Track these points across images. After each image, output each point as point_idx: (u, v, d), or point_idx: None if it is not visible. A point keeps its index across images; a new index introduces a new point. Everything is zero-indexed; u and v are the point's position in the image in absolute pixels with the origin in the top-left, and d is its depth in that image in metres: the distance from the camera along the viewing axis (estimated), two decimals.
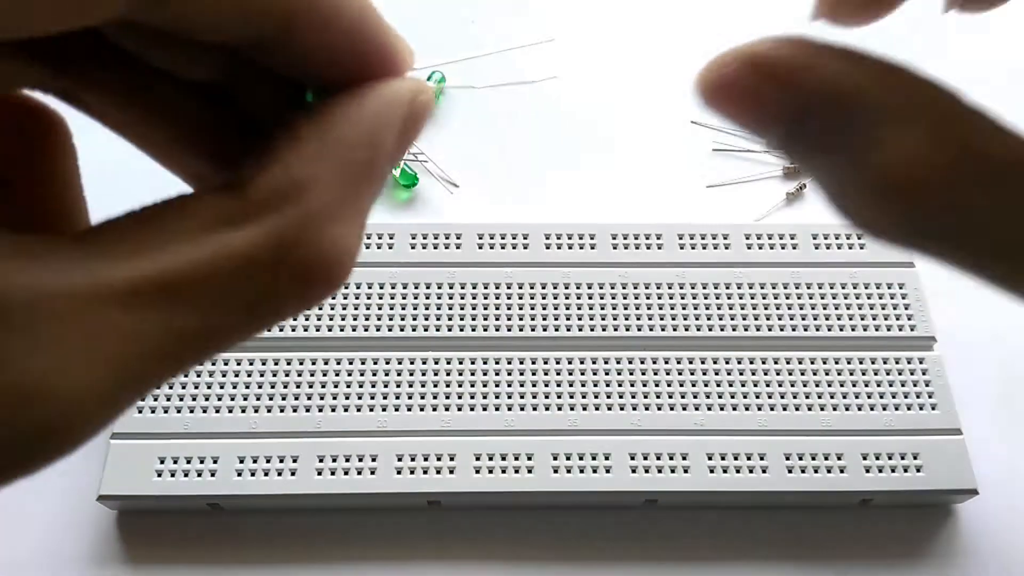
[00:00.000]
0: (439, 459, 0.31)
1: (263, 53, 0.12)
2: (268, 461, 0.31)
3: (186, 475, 0.31)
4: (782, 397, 0.33)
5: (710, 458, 0.31)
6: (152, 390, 0.11)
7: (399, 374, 0.33)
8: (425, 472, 0.31)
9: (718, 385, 0.33)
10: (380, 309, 0.34)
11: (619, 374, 0.33)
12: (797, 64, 0.12)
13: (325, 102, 0.12)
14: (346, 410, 0.32)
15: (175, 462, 0.31)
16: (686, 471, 0.31)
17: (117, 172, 0.27)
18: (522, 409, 0.32)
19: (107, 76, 0.12)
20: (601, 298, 0.35)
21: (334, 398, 0.32)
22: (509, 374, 0.33)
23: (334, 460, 0.31)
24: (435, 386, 0.33)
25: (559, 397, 0.33)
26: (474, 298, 0.35)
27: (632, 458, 0.31)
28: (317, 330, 0.34)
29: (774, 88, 0.12)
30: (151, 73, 0.13)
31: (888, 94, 0.12)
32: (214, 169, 0.14)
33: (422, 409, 0.32)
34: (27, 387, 0.09)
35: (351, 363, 0.33)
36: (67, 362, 0.09)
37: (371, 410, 0.32)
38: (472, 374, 0.33)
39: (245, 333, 0.11)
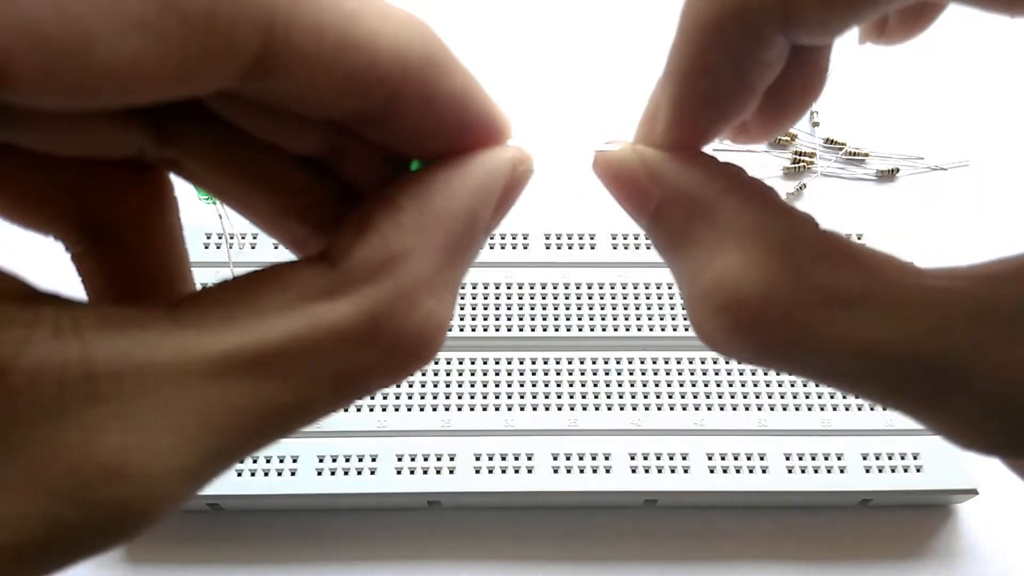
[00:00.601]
0: (439, 459, 0.31)
1: (367, 127, 0.12)
2: (268, 461, 0.31)
3: None
4: (782, 397, 0.33)
5: (710, 458, 0.31)
6: (239, 462, 0.10)
7: None
8: (425, 472, 0.31)
9: (718, 385, 0.33)
10: None
11: (619, 374, 0.33)
12: (665, 162, 0.13)
13: (426, 170, 0.12)
14: (346, 410, 0.32)
15: None
16: (686, 471, 0.31)
17: None
18: (522, 409, 0.32)
19: (211, 147, 0.12)
20: (601, 298, 0.35)
21: None
22: (509, 374, 0.33)
23: (334, 460, 0.31)
24: (435, 386, 0.33)
25: (559, 397, 0.33)
26: (474, 298, 0.35)
27: (632, 458, 0.31)
28: None
29: (644, 176, 0.13)
30: (255, 144, 0.12)
31: (734, 213, 0.12)
32: (316, 234, 0.13)
33: (422, 409, 0.32)
34: (109, 464, 0.09)
35: None
36: (153, 438, 0.09)
37: (371, 410, 0.32)
38: (472, 374, 0.33)
39: (331, 407, 0.11)
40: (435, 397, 0.33)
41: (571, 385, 0.33)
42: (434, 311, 0.11)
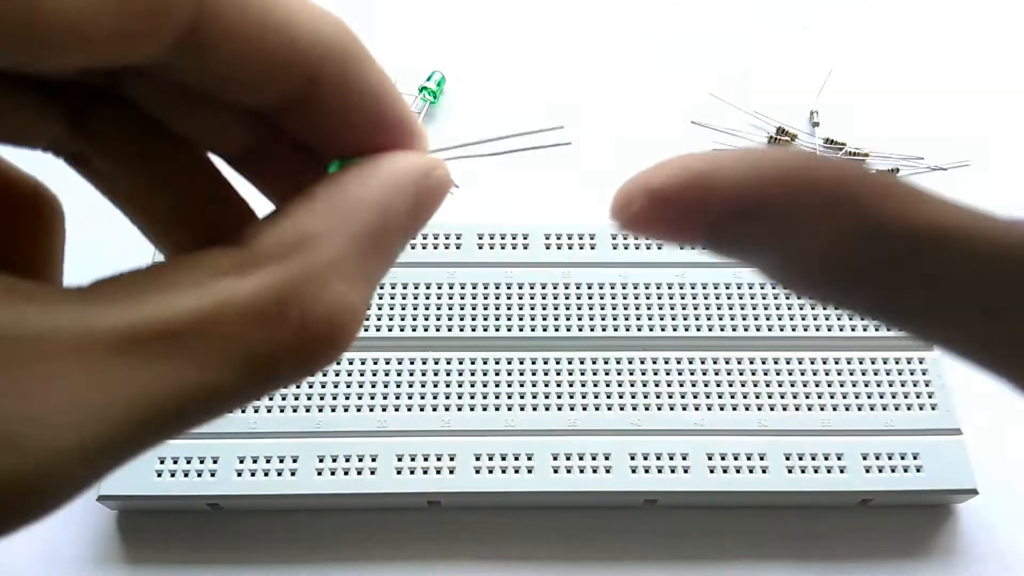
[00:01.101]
0: (439, 459, 0.31)
1: (286, 118, 0.12)
2: (268, 461, 0.31)
3: (186, 475, 0.31)
4: (782, 397, 0.33)
5: (710, 458, 0.31)
6: (144, 452, 0.10)
7: (399, 374, 0.33)
8: (425, 472, 0.31)
9: (718, 385, 0.33)
10: (380, 309, 0.34)
11: (619, 374, 0.33)
12: (699, 188, 0.12)
13: (341, 169, 0.12)
14: (346, 410, 0.32)
15: (175, 462, 0.31)
16: (686, 471, 0.31)
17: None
18: (522, 409, 0.32)
19: (124, 140, 0.13)
20: (601, 298, 0.35)
21: (334, 398, 0.32)
22: (509, 374, 0.33)
23: (334, 460, 0.31)
24: (435, 386, 0.33)
25: (559, 397, 0.33)
26: (474, 298, 0.35)
27: (632, 458, 0.31)
28: None
29: (681, 214, 0.12)
30: (170, 141, 0.13)
31: (792, 195, 0.12)
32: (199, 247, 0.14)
33: (422, 409, 0.32)
34: None
35: (351, 363, 0.33)
36: (49, 410, 0.08)
37: (371, 410, 0.32)
38: (472, 374, 0.33)
39: (243, 394, 0.10)
40: (435, 397, 0.33)
41: (571, 385, 0.33)
42: (345, 296, 0.11)
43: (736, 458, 0.31)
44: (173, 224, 0.14)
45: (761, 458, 0.31)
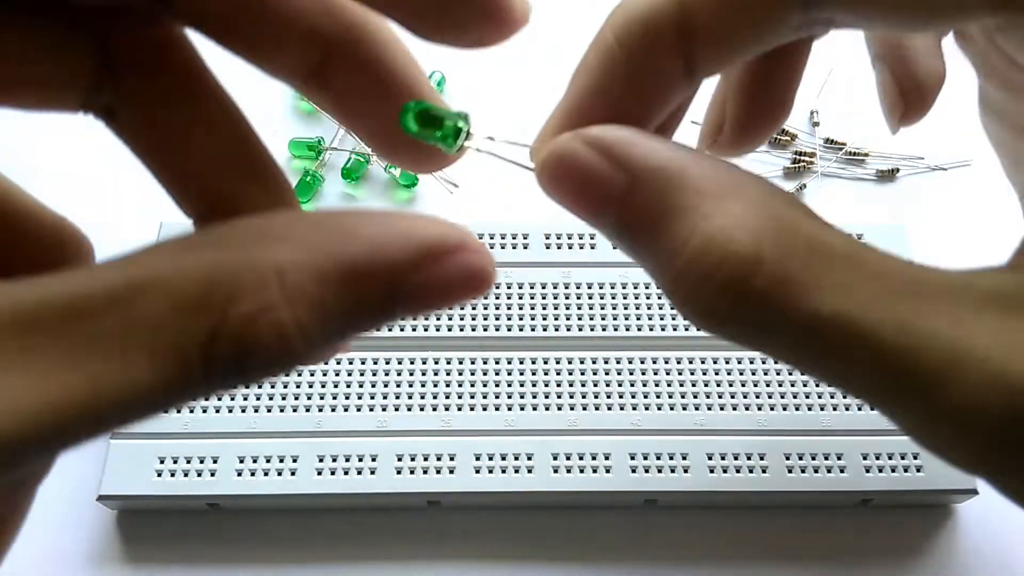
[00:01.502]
0: (439, 459, 0.31)
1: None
2: (268, 461, 0.31)
3: (186, 475, 0.31)
4: (782, 397, 0.33)
5: (710, 458, 0.31)
6: (55, 452, 0.09)
7: (399, 374, 0.33)
8: (425, 472, 0.31)
9: (718, 385, 0.33)
10: None
11: (619, 374, 0.33)
12: (625, 140, 0.12)
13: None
14: (346, 410, 0.32)
15: (175, 462, 0.31)
16: (686, 471, 0.31)
17: None
18: (522, 409, 0.32)
19: (153, 82, 0.12)
20: (601, 298, 0.35)
21: (334, 398, 0.32)
22: (509, 374, 0.33)
23: (334, 460, 0.31)
24: (435, 386, 0.33)
25: (559, 397, 0.33)
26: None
27: (632, 458, 0.31)
28: None
29: (605, 162, 0.12)
30: (198, 89, 0.12)
31: (706, 176, 0.12)
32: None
33: (422, 409, 0.32)
34: None
35: (351, 363, 0.33)
36: None
37: (371, 410, 0.32)
38: (472, 374, 0.33)
39: (152, 400, 0.09)
40: (435, 397, 0.33)
41: (571, 385, 0.33)
42: (281, 311, 0.09)
43: (736, 458, 0.31)
44: (196, 182, 0.13)
45: (761, 458, 0.31)
